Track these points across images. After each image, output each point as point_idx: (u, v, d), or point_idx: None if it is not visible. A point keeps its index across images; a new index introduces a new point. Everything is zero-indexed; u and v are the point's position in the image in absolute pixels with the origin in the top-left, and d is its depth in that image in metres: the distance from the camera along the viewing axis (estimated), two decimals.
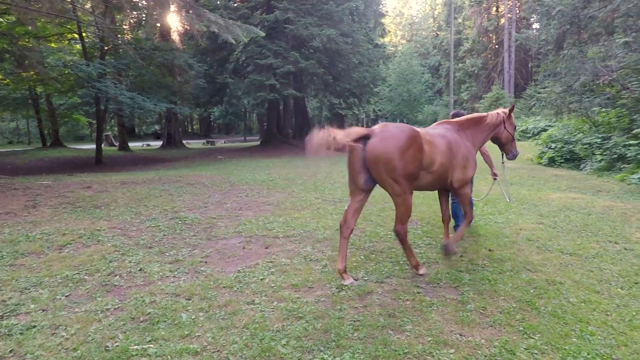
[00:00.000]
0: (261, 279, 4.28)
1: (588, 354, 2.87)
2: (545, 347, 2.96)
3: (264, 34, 17.51)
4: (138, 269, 4.61)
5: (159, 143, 34.48)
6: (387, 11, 40.17)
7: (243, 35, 14.90)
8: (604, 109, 13.50)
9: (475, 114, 5.03)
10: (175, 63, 21.01)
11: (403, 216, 4.01)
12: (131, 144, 31.48)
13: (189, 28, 18.89)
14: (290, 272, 4.45)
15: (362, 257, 4.92)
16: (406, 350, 2.92)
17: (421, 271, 4.34)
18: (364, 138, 3.89)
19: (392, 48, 61.88)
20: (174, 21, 18.52)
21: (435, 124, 4.95)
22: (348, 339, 3.08)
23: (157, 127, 57.83)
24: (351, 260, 4.80)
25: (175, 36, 21.66)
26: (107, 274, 4.45)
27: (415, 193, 4.35)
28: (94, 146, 22.33)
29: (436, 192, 5.05)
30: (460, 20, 50.89)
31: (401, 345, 2.99)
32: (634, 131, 11.19)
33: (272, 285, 4.12)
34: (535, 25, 40.77)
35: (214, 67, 25.50)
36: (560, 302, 3.66)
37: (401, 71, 51.21)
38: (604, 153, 12.33)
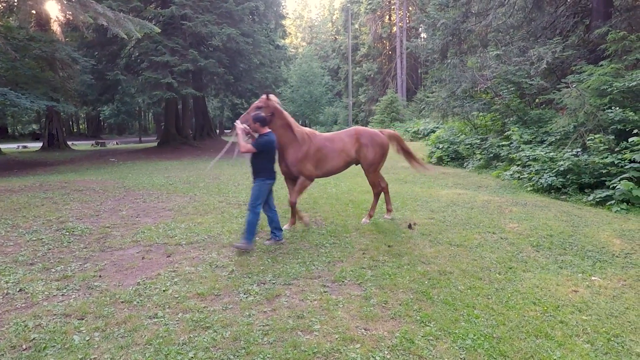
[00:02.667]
0: (164, 290, 4.07)
1: (474, 335, 3.21)
2: (439, 333, 3.25)
3: (159, 30, 16.57)
4: (17, 289, 4.10)
5: (38, 144, 30.79)
6: (287, 13, 40.53)
7: (136, 30, 13.94)
8: (481, 113, 15.13)
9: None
10: (56, 56, 18.95)
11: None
12: (3, 146, 27.75)
13: (71, 18, 17.20)
14: (195, 281, 4.30)
15: (269, 260, 4.92)
16: (315, 349, 3.01)
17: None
18: None
19: (293, 50, 62.63)
20: (54, 9, 16.72)
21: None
22: (258, 345, 3.08)
23: (35, 126, 51.74)
24: (258, 264, 4.79)
25: (55, 26, 19.49)
26: None
27: (321, 194, 4.54)
28: None
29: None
30: (357, 26, 53.21)
31: (310, 345, 3.06)
32: (505, 133, 12.72)
33: (176, 295, 3.94)
34: (423, 35, 44.27)
35: (103, 62, 23.45)
36: (450, 291, 4.04)
37: (302, 73, 51.99)
38: (483, 152, 13.83)
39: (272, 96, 5.68)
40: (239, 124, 5.32)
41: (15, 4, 20.63)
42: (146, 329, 3.32)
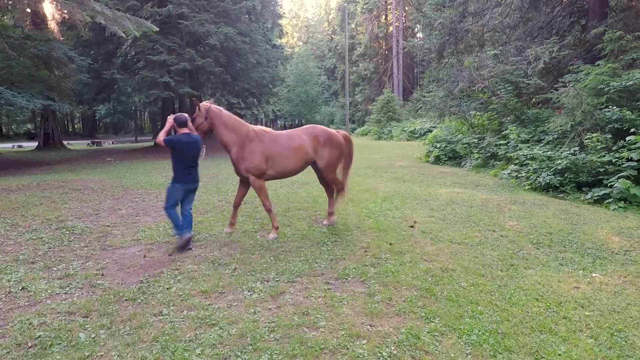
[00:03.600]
0: (167, 288, 4.07)
1: (479, 331, 3.23)
2: (445, 329, 3.28)
3: (157, 29, 16.51)
4: (20, 288, 4.08)
5: (33, 144, 30.64)
6: (284, 13, 40.50)
7: (134, 29, 13.88)
8: (478, 113, 15.18)
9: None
10: (52, 55, 18.83)
11: None
12: None
13: (68, 17, 17.11)
14: (198, 279, 4.30)
15: (272, 258, 4.93)
16: (322, 345, 3.02)
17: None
18: None
19: (289, 49, 62.62)
20: (50, 8, 16.63)
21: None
22: (264, 341, 3.08)
23: (29, 126, 51.48)
24: (261, 262, 4.79)
25: (53, 25, 19.36)
26: None
27: (320, 192, 4.53)
28: None
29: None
30: (353, 25, 53.26)
31: (317, 341, 3.07)
32: (503, 132, 12.78)
33: (180, 293, 3.94)
34: (419, 35, 44.35)
35: (99, 61, 23.33)
36: (454, 287, 4.06)
37: (299, 72, 52.09)
38: (480, 151, 13.88)
39: (203, 104, 5.81)
40: (169, 118, 5.46)
41: (10, 2, 20.52)
42: (152, 326, 3.31)
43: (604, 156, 8.42)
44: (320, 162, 6.07)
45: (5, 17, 22.25)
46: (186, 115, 5.53)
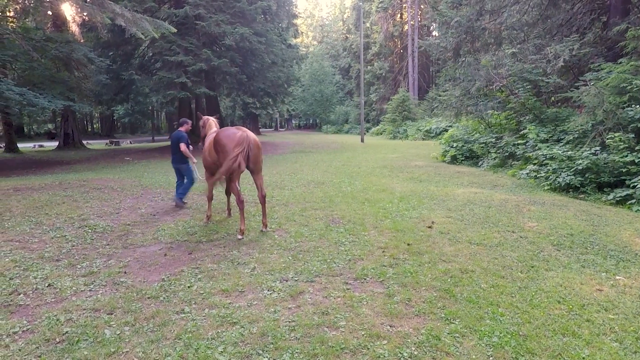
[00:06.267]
0: (188, 286, 4.13)
1: (500, 333, 3.21)
2: (465, 331, 3.26)
3: (175, 30, 16.71)
4: (46, 284, 4.19)
5: (54, 144, 31.32)
6: (299, 12, 40.58)
7: (153, 30, 14.07)
8: (496, 112, 15.00)
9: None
10: (72, 56, 19.20)
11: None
12: (21, 145, 28.21)
13: (88, 19, 17.43)
14: (218, 277, 4.36)
15: (290, 258, 4.96)
16: (342, 345, 3.03)
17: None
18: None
19: (304, 49, 62.69)
20: (70, 10, 16.94)
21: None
22: (285, 340, 3.11)
23: (50, 126, 52.61)
24: (279, 262, 4.83)
25: (74, 27, 19.71)
26: (8, 292, 3.99)
27: (336, 192, 4.54)
28: None
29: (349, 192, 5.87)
30: (368, 24, 53.06)
31: (337, 341, 3.09)
32: (521, 132, 12.60)
33: (201, 292, 4.00)
34: (435, 33, 43.98)
35: (117, 62, 23.75)
36: (473, 289, 4.04)
37: (313, 72, 52.16)
38: (498, 151, 13.72)
39: (202, 117, 7.70)
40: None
41: (32, 4, 20.97)
42: (174, 324, 3.38)
43: (627, 156, 8.26)
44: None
45: (27, 19, 22.79)
46: (186, 119, 8.00)
